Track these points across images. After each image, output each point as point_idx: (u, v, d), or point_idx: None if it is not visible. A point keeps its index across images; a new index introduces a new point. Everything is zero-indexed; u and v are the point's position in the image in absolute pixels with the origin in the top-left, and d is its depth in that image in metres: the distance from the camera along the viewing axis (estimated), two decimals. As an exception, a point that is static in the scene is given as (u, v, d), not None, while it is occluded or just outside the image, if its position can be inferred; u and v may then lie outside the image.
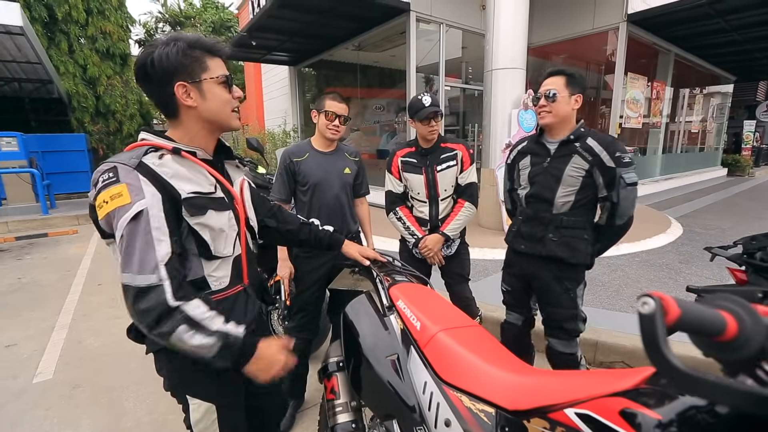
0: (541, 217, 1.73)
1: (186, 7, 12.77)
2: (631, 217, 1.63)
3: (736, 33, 7.53)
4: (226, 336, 0.89)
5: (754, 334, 0.40)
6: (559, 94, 1.63)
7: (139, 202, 0.85)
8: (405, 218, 2.13)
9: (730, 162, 13.18)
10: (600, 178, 1.60)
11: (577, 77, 1.67)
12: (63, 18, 9.21)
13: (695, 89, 11.29)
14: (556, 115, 1.65)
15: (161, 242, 0.86)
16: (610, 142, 1.60)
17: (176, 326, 0.84)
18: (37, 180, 6.94)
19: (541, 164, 1.73)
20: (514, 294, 1.94)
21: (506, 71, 4.75)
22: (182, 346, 0.86)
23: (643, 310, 0.41)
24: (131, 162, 0.88)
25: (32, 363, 2.61)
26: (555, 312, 1.75)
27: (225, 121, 1.01)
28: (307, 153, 1.96)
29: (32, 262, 4.92)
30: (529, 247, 1.77)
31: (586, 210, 1.69)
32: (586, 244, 1.68)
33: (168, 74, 0.91)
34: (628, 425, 0.59)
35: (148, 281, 0.83)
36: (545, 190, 1.71)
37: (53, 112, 10.13)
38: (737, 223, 5.71)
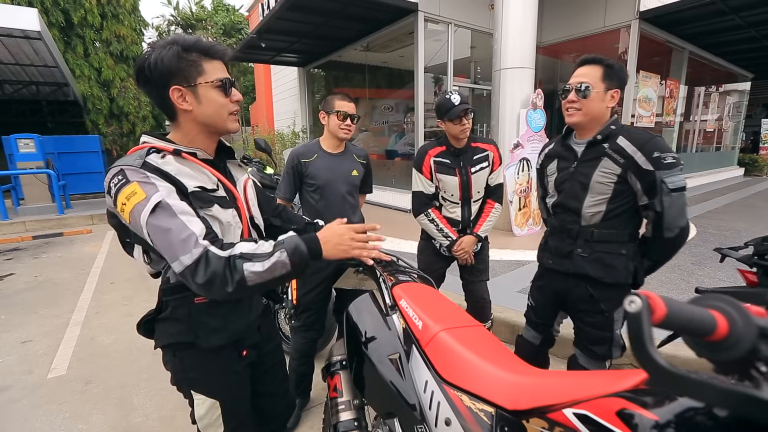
0: (569, 229, 1.53)
1: (197, 10, 12.96)
2: (683, 228, 1.37)
3: (753, 29, 7.35)
4: (282, 243, 0.92)
5: (745, 334, 0.40)
6: (593, 89, 1.39)
7: (155, 194, 0.86)
8: (438, 220, 2.08)
9: (748, 161, 12.85)
10: (638, 184, 1.37)
11: (617, 68, 1.42)
12: (79, 22, 9.43)
13: (711, 87, 11.03)
14: (587, 113, 1.41)
15: (192, 221, 0.88)
16: (646, 140, 1.35)
17: (241, 268, 0.86)
18: (54, 180, 7.12)
19: (568, 169, 1.52)
20: (538, 310, 1.75)
21: (515, 71, 4.72)
22: (261, 279, 0.88)
23: (629, 309, 0.41)
24: (136, 162, 0.90)
25: (47, 359, 2.68)
26: (586, 331, 1.56)
27: (221, 125, 1.00)
28: (316, 154, 1.97)
29: (48, 260, 5.05)
30: (556, 263, 1.58)
31: (623, 221, 1.45)
32: (625, 260, 1.44)
33: (164, 78, 0.92)
34: (625, 426, 0.59)
35: (195, 255, 0.84)
36: (571, 199, 1.50)
37: (69, 114, 10.39)
38: (753, 224, 5.57)
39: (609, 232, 1.45)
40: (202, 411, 1.05)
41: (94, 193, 9.42)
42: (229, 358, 1.08)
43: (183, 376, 1.06)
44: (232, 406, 1.09)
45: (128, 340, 2.91)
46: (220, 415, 1.06)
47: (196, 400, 1.05)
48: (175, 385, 1.09)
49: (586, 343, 1.56)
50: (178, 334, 1.02)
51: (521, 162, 4.77)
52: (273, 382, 1.27)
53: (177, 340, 1.02)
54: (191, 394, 1.06)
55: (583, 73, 1.43)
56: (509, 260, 3.96)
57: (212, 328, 1.02)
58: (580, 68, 1.45)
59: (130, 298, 3.70)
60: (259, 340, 1.19)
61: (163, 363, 1.10)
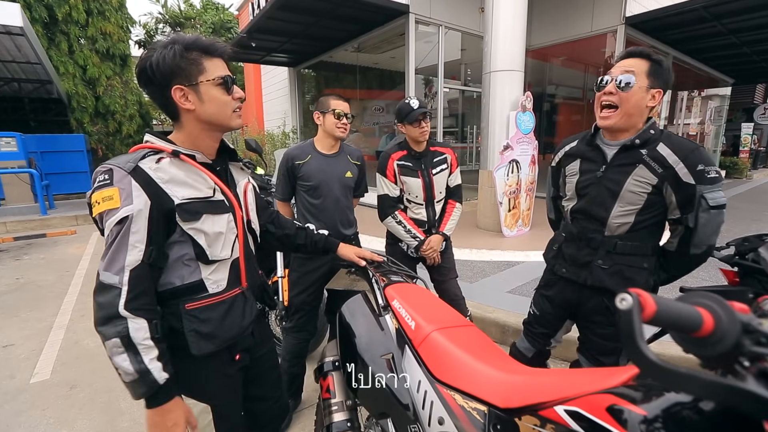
0: (590, 238, 1.40)
1: (186, 8, 12.79)
2: (711, 246, 1.29)
3: (733, 36, 7.57)
4: (147, 373, 0.87)
5: (729, 329, 0.42)
6: (636, 84, 1.23)
7: (126, 207, 0.88)
8: (405, 222, 2.13)
9: (729, 164, 13.22)
10: (673, 197, 1.26)
11: (665, 67, 1.27)
12: (63, 18, 9.22)
13: (693, 92, 11.34)
14: (625, 112, 1.26)
15: (134, 249, 0.89)
16: (690, 150, 1.23)
17: (112, 336, 0.86)
18: (36, 180, 6.95)
19: (594, 173, 1.38)
20: (541, 320, 1.63)
21: (505, 73, 4.77)
22: (109, 355, 0.88)
23: (621, 306, 0.42)
24: (127, 166, 0.90)
25: (30, 363, 2.62)
26: (595, 342, 1.46)
27: (225, 122, 1.01)
28: (310, 155, 1.97)
29: (30, 262, 4.92)
30: (571, 273, 1.46)
31: (649, 233, 1.34)
32: (647, 274, 1.35)
33: (166, 78, 0.92)
34: (614, 421, 0.60)
35: (110, 280, 0.88)
36: (597, 207, 1.37)
37: (53, 112, 10.14)
38: (734, 225, 5.73)
39: (633, 244, 1.34)
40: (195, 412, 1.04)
41: (78, 194, 9.21)
42: (222, 363, 1.07)
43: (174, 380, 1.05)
44: (223, 411, 1.08)
45: (115, 343, 2.85)
46: (212, 420, 1.05)
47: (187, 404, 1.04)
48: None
49: (594, 353, 1.48)
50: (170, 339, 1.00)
51: (511, 164, 4.83)
52: (266, 385, 1.27)
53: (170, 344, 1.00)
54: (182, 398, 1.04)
55: (628, 64, 1.27)
56: (499, 261, 4.00)
57: (204, 334, 1.00)
58: (625, 60, 1.28)
59: (117, 301, 3.63)
60: (252, 344, 1.18)
61: None
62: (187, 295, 0.99)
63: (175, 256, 0.98)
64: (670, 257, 1.37)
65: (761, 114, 15.00)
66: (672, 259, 1.37)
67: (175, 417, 0.93)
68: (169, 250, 0.97)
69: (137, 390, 0.88)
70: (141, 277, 0.89)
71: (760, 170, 15.56)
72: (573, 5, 7.13)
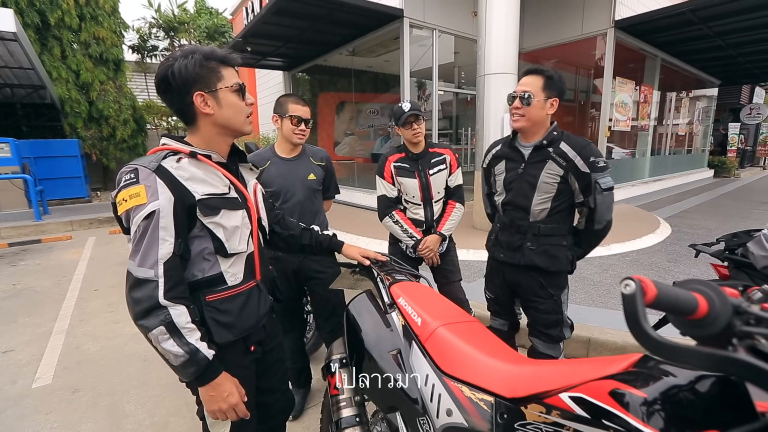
0: (518, 225, 1.68)
1: (180, 13, 12.74)
2: (609, 221, 1.59)
3: (719, 39, 7.74)
4: (195, 352, 0.94)
5: (722, 312, 0.46)
6: (534, 98, 1.54)
7: (154, 202, 0.92)
8: (402, 221, 2.18)
9: (717, 163, 13.46)
10: (575, 184, 1.56)
11: (556, 79, 1.57)
12: (56, 24, 9.14)
13: (681, 93, 11.54)
14: (529, 119, 1.58)
15: (165, 242, 0.93)
16: (583, 146, 1.54)
17: (156, 325, 0.90)
18: (30, 186, 6.88)
19: (516, 170, 1.67)
20: (498, 301, 1.91)
21: (498, 76, 4.84)
22: (155, 345, 0.92)
23: (625, 291, 0.46)
24: (151, 165, 0.95)
25: (31, 368, 2.61)
26: (540, 317, 1.72)
27: (239, 127, 1.07)
28: (269, 161, 1.93)
29: (26, 268, 4.88)
30: (508, 256, 1.73)
31: (563, 216, 1.64)
32: (565, 250, 1.64)
33: (187, 85, 0.98)
34: (617, 404, 0.64)
35: (146, 275, 0.92)
36: (521, 198, 1.65)
37: (46, 117, 10.04)
38: (723, 222, 5.86)
39: (553, 226, 1.63)
40: None
41: (73, 199, 9.14)
42: (238, 354, 1.12)
43: None
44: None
45: (116, 347, 2.85)
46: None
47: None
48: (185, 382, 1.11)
49: (541, 329, 1.72)
50: None
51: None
52: (274, 378, 1.31)
53: None
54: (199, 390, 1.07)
55: (526, 82, 1.57)
56: (496, 261, 4.05)
57: (224, 324, 1.06)
58: (524, 78, 1.59)
59: (116, 305, 3.61)
60: (263, 336, 1.23)
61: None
62: (208, 287, 1.05)
63: (196, 251, 1.03)
64: (581, 235, 1.67)
65: (747, 114, 15.29)
66: (582, 235, 1.67)
67: (227, 387, 1.01)
68: (190, 245, 1.02)
69: (188, 370, 0.94)
70: (174, 268, 0.95)
71: (747, 169, 15.86)
72: (564, 9, 7.25)
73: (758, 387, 0.41)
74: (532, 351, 1.79)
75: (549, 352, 1.73)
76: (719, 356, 0.42)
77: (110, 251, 5.56)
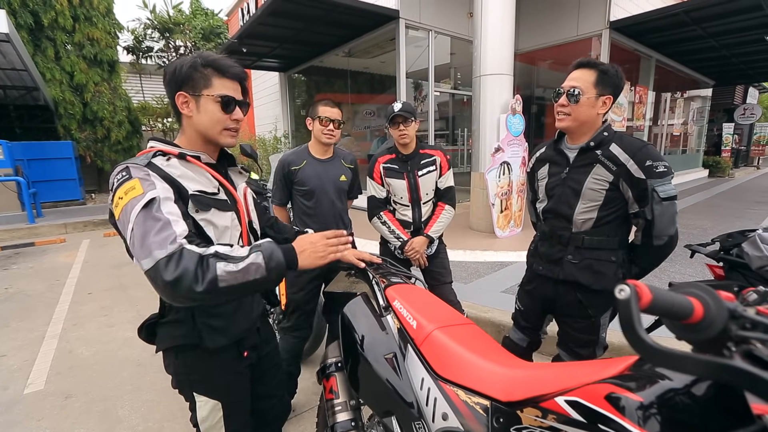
0: (559, 235, 1.51)
1: (175, 14, 12.67)
2: (672, 237, 1.39)
3: (713, 39, 7.80)
4: (259, 246, 0.92)
5: (717, 316, 0.45)
6: (583, 95, 1.37)
7: (151, 191, 0.88)
8: (389, 222, 2.18)
9: (711, 163, 13.55)
10: (629, 192, 1.36)
11: (612, 74, 1.40)
12: (49, 24, 9.08)
13: (676, 93, 11.61)
14: (576, 119, 1.40)
15: (177, 222, 0.87)
16: (639, 148, 1.35)
17: (215, 267, 0.83)
18: (23, 188, 6.82)
19: (559, 175, 1.51)
20: (527, 315, 1.74)
21: (494, 77, 4.85)
22: (235, 280, 0.85)
23: (620, 296, 0.46)
24: (142, 162, 0.94)
25: (23, 374, 2.58)
26: (572, 335, 1.57)
27: (213, 137, 1.05)
28: (305, 161, 2.04)
29: (19, 271, 4.83)
30: (546, 269, 1.56)
31: (613, 228, 1.44)
32: (615, 267, 1.44)
33: (177, 83, 0.99)
34: (613, 408, 0.64)
35: (170, 250, 0.82)
36: (563, 205, 1.48)
37: (39, 119, 9.96)
38: (718, 222, 5.89)
39: (599, 239, 1.44)
40: (205, 413, 1.06)
41: (66, 201, 9.07)
42: (231, 359, 1.10)
43: (185, 378, 1.07)
44: (234, 408, 1.10)
45: (109, 352, 2.82)
46: (222, 417, 1.07)
47: (198, 402, 1.06)
48: (177, 387, 1.10)
49: (572, 346, 1.58)
50: (182, 337, 1.03)
51: (502, 165, 4.90)
52: (270, 383, 1.29)
53: (180, 342, 1.03)
54: (193, 396, 1.07)
55: (576, 77, 1.40)
56: (492, 261, 4.05)
57: (216, 328, 1.04)
58: (575, 71, 1.42)
59: (110, 309, 3.58)
60: (258, 341, 1.21)
61: (164, 366, 1.10)
62: None
63: None
64: (638, 251, 1.47)
65: (741, 114, 15.41)
66: (639, 252, 1.47)
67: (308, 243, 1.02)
68: None
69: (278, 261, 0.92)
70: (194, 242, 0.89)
71: (741, 169, 15.98)
72: (559, 10, 7.28)
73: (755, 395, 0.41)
74: (556, 360, 1.69)
75: None
76: (715, 364, 0.41)
77: (105, 254, 5.52)
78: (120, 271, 4.67)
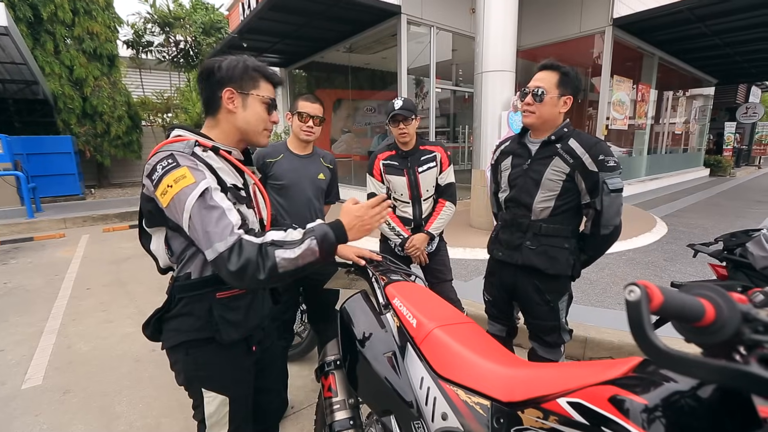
0: (519, 222, 1.62)
1: (175, 8, 12.57)
2: (617, 227, 1.50)
3: (716, 37, 7.75)
4: (312, 230, 0.94)
5: (729, 319, 0.44)
6: (547, 94, 1.48)
7: (203, 180, 0.90)
8: (389, 219, 2.17)
9: (712, 162, 13.52)
10: (582, 183, 1.48)
11: (572, 76, 1.51)
12: (48, 18, 9.02)
13: (678, 92, 11.56)
14: (540, 116, 1.52)
15: (231, 212, 0.91)
16: (593, 144, 1.47)
17: (273, 255, 0.87)
18: (22, 183, 6.80)
19: (521, 166, 1.62)
20: (496, 304, 1.84)
21: (496, 74, 4.82)
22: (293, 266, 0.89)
23: (629, 298, 0.44)
24: (186, 150, 0.94)
25: (21, 369, 2.57)
26: (536, 324, 1.68)
27: (254, 136, 1.08)
28: (282, 154, 1.96)
29: (18, 266, 4.82)
30: (506, 255, 1.67)
31: (568, 217, 1.57)
32: (567, 253, 1.56)
33: (225, 80, 1.02)
34: (617, 411, 0.62)
35: (230, 243, 0.87)
36: (524, 194, 1.60)
37: (38, 113, 9.92)
38: (719, 221, 5.87)
39: (555, 227, 1.56)
40: (212, 408, 1.06)
41: (66, 196, 9.04)
42: (240, 354, 1.11)
43: (195, 374, 1.06)
44: (239, 403, 1.11)
45: (108, 347, 2.81)
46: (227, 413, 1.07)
47: (207, 398, 1.06)
48: (184, 384, 1.09)
49: (539, 334, 1.68)
50: (195, 331, 1.03)
51: (503, 163, 4.88)
52: (270, 377, 1.30)
53: (193, 337, 1.03)
54: (201, 392, 1.06)
55: (541, 77, 1.51)
56: (493, 259, 4.04)
57: (232, 322, 1.05)
58: (539, 73, 1.53)
59: (109, 304, 3.57)
60: (263, 336, 1.23)
61: (170, 364, 1.09)
62: (219, 284, 1.02)
63: None
64: (586, 239, 1.59)
65: (743, 113, 15.35)
66: (588, 241, 1.59)
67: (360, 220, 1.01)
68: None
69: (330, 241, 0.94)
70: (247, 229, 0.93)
71: (742, 168, 15.95)
72: (562, 7, 7.22)
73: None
74: (532, 353, 1.75)
75: (548, 356, 1.68)
76: (732, 370, 0.40)
77: (104, 249, 5.50)
78: (119, 267, 4.66)
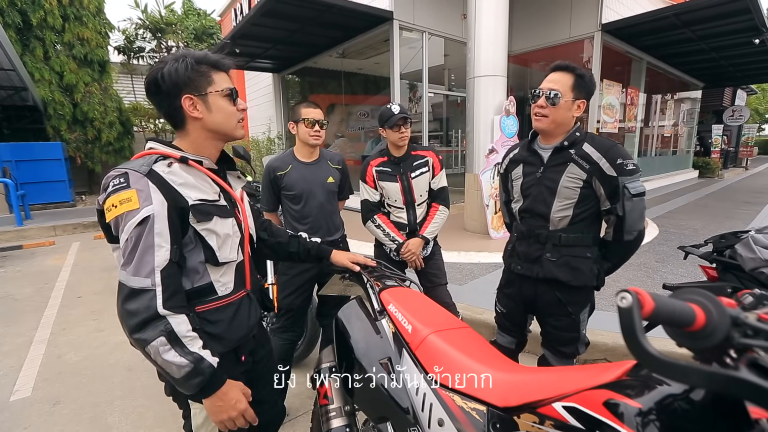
0: (537, 234, 1.53)
1: (167, 14, 12.55)
2: (641, 232, 1.43)
3: (702, 42, 7.91)
4: (200, 360, 0.90)
5: (719, 323, 0.45)
6: (562, 98, 1.40)
7: (147, 207, 0.89)
8: (383, 225, 2.17)
9: (701, 164, 13.73)
10: (601, 189, 1.41)
11: (587, 79, 1.43)
12: (38, 24, 8.94)
13: (667, 95, 11.76)
14: (554, 120, 1.43)
15: (161, 248, 0.89)
16: (609, 147, 1.40)
17: (156, 337, 0.86)
18: (11, 190, 6.70)
19: (534, 174, 1.53)
20: (510, 317, 1.74)
21: (488, 78, 4.87)
22: (155, 358, 0.87)
23: (621, 304, 0.44)
24: (142, 169, 0.92)
25: (9, 380, 2.51)
26: (553, 334, 1.60)
27: (230, 132, 1.05)
28: (290, 165, 2.01)
29: (6, 275, 4.73)
30: (525, 269, 1.57)
31: (587, 225, 1.48)
32: (590, 263, 1.48)
33: (177, 87, 0.96)
34: (611, 415, 0.63)
35: (142, 284, 0.87)
36: (539, 204, 1.51)
37: (28, 119, 9.81)
38: (708, 222, 5.96)
39: (575, 236, 1.47)
40: (200, 420, 1.04)
41: (56, 203, 8.92)
42: (228, 365, 1.08)
43: None
44: None
45: (99, 357, 2.77)
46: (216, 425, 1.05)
47: (193, 409, 1.04)
48: (171, 395, 1.08)
49: (555, 345, 1.61)
50: None
51: (496, 167, 4.91)
52: (265, 389, 1.27)
53: None
54: (188, 403, 1.04)
55: (555, 79, 1.43)
56: (487, 263, 4.06)
57: (214, 336, 1.02)
58: (553, 74, 1.45)
59: (100, 313, 3.52)
60: (254, 346, 1.20)
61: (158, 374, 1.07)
62: (198, 298, 1.01)
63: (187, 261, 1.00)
64: (609, 247, 1.51)
65: (729, 116, 15.64)
66: (611, 248, 1.51)
67: (234, 395, 0.98)
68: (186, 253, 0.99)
69: (193, 381, 0.89)
70: (172, 276, 0.91)
71: (730, 169, 16.21)
72: (552, 12, 7.34)
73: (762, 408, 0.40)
74: (542, 360, 1.69)
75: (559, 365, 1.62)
76: (722, 376, 0.40)
77: (95, 257, 5.43)
78: (110, 275, 4.60)
